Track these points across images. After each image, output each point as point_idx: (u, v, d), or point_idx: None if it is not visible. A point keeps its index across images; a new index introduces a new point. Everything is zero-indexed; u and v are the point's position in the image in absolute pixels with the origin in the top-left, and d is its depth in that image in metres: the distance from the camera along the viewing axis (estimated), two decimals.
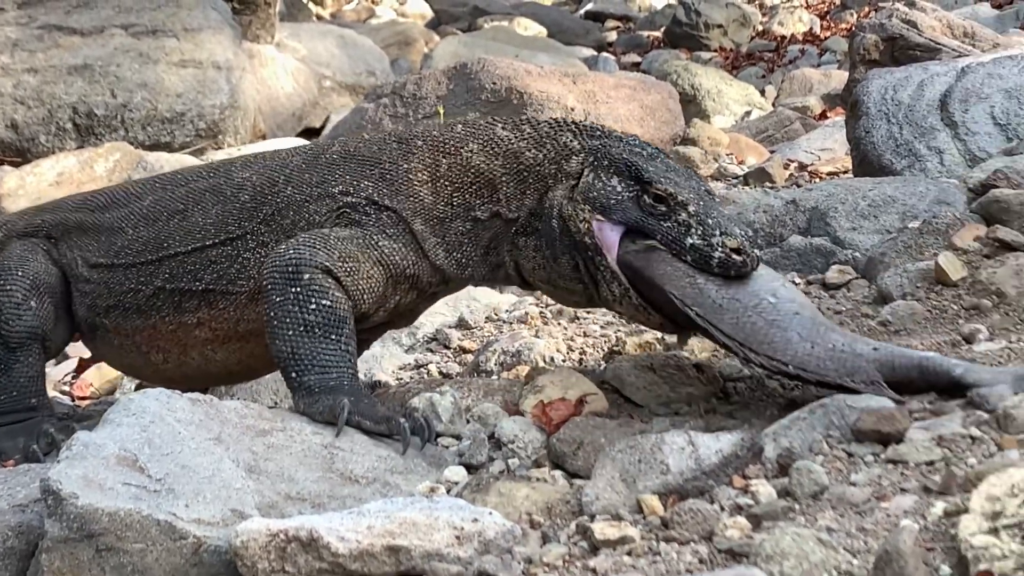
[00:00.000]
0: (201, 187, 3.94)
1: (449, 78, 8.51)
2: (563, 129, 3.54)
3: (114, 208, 4.14)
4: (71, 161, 8.75)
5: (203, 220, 3.83)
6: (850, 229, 4.43)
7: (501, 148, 3.54)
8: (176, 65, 10.13)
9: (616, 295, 3.32)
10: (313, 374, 3.24)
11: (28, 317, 4.03)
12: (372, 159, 3.65)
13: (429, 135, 3.66)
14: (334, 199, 3.60)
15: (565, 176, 3.44)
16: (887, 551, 2.08)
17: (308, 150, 3.86)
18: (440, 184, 3.55)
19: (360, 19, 18.00)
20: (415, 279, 3.55)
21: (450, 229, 3.54)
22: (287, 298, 3.30)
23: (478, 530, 2.46)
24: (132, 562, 2.54)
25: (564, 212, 3.39)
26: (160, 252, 3.88)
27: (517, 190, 3.51)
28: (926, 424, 2.75)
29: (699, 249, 3.20)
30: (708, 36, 14.28)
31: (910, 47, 7.33)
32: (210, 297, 3.77)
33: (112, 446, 2.76)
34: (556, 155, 3.48)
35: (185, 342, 3.88)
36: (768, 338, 3.06)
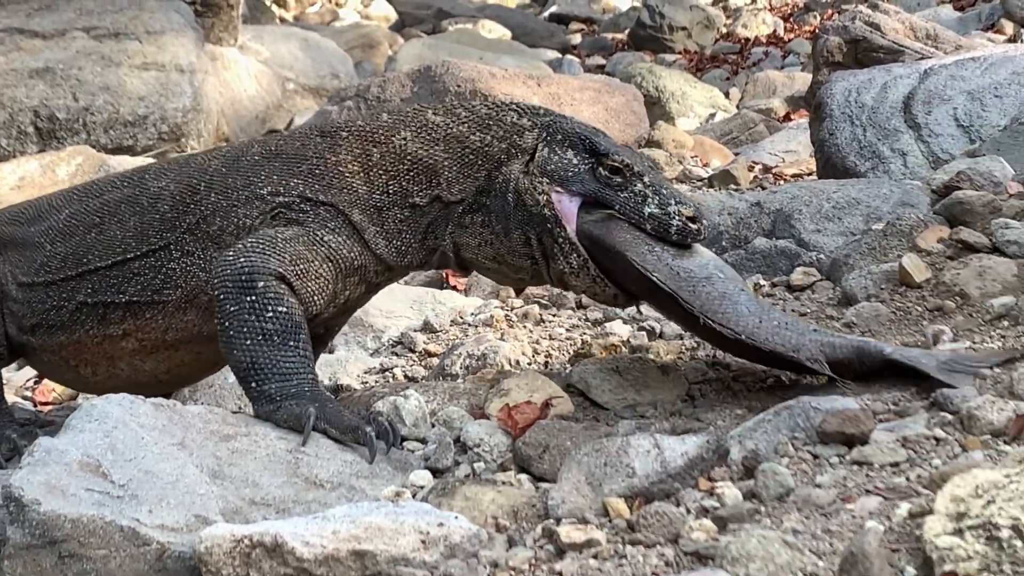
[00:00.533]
0: (116, 198, 3.84)
1: (413, 80, 8.50)
2: (506, 109, 3.57)
3: (36, 222, 4.04)
4: (33, 165, 8.68)
5: (121, 233, 3.75)
6: (814, 231, 4.44)
7: (439, 134, 3.55)
8: (138, 68, 10.08)
9: (574, 267, 3.36)
10: (274, 382, 3.21)
11: None
12: (297, 156, 3.60)
13: (354, 126, 3.64)
14: (264, 201, 3.55)
15: (520, 151, 3.47)
16: (852, 552, 2.08)
17: (225, 153, 3.77)
18: (374, 173, 3.54)
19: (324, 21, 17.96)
20: (363, 270, 3.54)
21: (388, 217, 3.53)
22: (242, 307, 3.25)
23: (444, 534, 2.45)
24: (95, 568, 2.52)
25: (520, 186, 3.42)
26: (80, 267, 3.80)
27: (461, 173, 3.51)
28: (891, 426, 2.77)
29: (657, 217, 3.31)
30: (672, 38, 14.31)
31: (873, 49, 7.37)
32: (135, 308, 3.71)
33: (75, 452, 2.74)
34: (505, 133, 3.50)
35: (112, 354, 3.82)
36: (722, 309, 3.17)
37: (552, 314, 4.54)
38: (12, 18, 10.07)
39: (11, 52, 9.85)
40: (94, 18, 10.21)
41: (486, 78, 8.21)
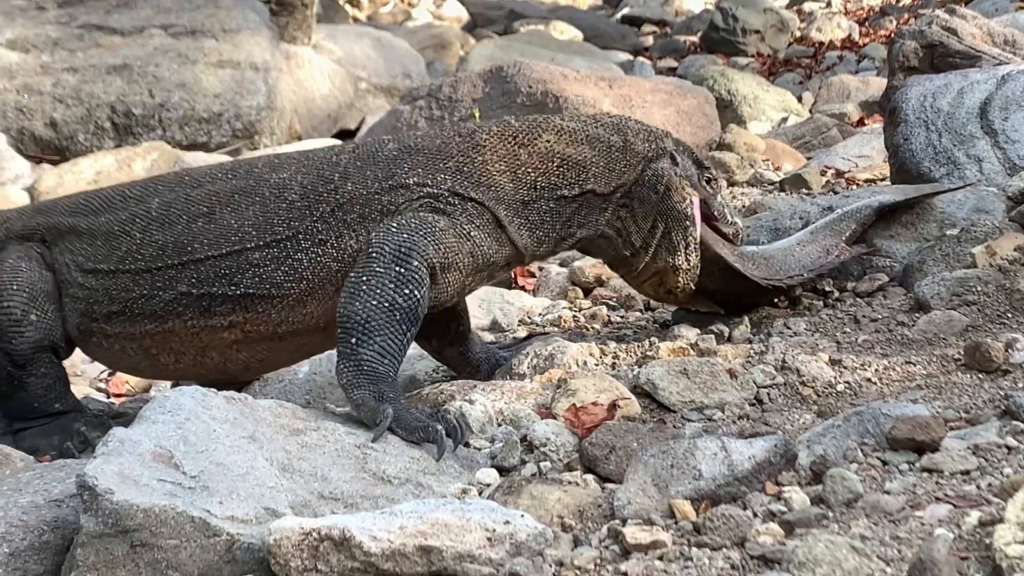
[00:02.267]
0: (227, 188, 3.86)
1: (485, 81, 8.51)
2: (625, 118, 4.06)
3: (110, 211, 4.04)
4: (109, 160, 8.80)
5: (238, 223, 3.76)
6: (888, 236, 4.40)
7: (580, 135, 3.89)
8: (214, 65, 10.18)
9: (690, 264, 3.96)
10: (372, 350, 3.28)
11: (31, 332, 3.97)
12: (441, 153, 3.73)
13: (493, 130, 3.84)
14: (410, 189, 3.65)
15: (664, 153, 3.97)
16: (921, 559, 2.07)
17: (352, 149, 3.85)
18: (522, 171, 3.78)
19: (396, 21, 18.05)
20: (494, 265, 3.74)
21: (533, 209, 3.79)
22: (388, 273, 3.38)
23: (510, 532, 2.46)
24: (166, 558, 2.55)
25: (671, 182, 3.94)
26: (183, 256, 3.80)
27: (609, 168, 3.89)
28: (962, 433, 2.74)
29: (735, 224, 4.14)
30: (745, 41, 14.23)
31: (950, 54, 7.28)
32: (247, 301, 3.73)
33: (148, 443, 2.77)
34: (644, 136, 3.98)
35: (207, 344, 3.84)
36: (785, 266, 4.10)
37: (620, 316, 4.54)
38: (91, 15, 10.21)
39: (90, 48, 9.98)
40: (171, 16, 10.32)
41: (558, 79, 8.21)
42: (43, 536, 2.80)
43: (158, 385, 5.13)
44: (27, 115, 9.69)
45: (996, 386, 3.10)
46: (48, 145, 9.73)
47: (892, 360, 3.43)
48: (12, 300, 3.98)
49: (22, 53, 9.82)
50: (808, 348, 3.65)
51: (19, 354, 3.97)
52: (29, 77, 9.75)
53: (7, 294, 3.99)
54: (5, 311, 3.97)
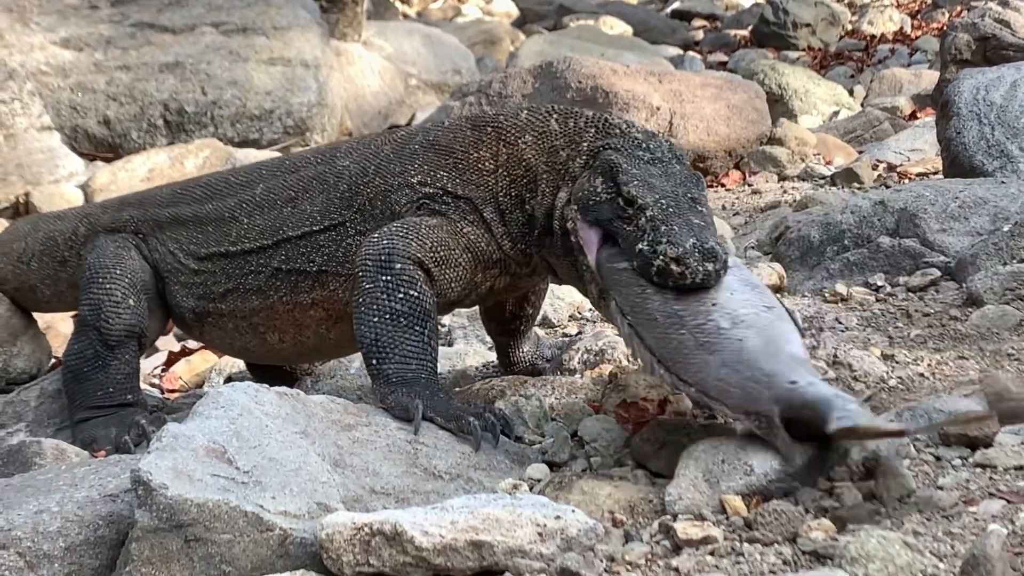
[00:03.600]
0: (309, 175, 3.97)
1: (535, 76, 8.51)
2: (588, 126, 3.46)
3: (218, 198, 4.19)
4: (162, 157, 8.87)
5: (310, 207, 3.88)
6: (940, 231, 4.38)
7: (547, 143, 3.50)
8: (265, 63, 10.23)
9: (595, 295, 3.27)
10: (393, 363, 3.28)
11: (127, 315, 4.13)
12: (447, 148, 3.67)
13: (496, 121, 3.64)
14: (413, 189, 3.64)
15: (571, 178, 3.40)
16: (974, 555, 2.06)
17: (398, 138, 3.85)
18: (500, 174, 3.56)
19: (446, 17, 18.06)
20: (503, 264, 3.58)
21: (509, 220, 3.54)
22: (377, 286, 3.35)
23: (560, 527, 2.46)
24: (220, 552, 2.58)
25: (561, 212, 3.37)
26: (276, 236, 3.93)
27: (548, 185, 3.46)
28: (1016, 428, 2.72)
29: (644, 255, 3.04)
30: (796, 35, 14.15)
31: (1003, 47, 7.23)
32: (323, 278, 3.82)
33: (201, 438, 2.79)
34: (571, 153, 3.42)
35: (301, 322, 3.94)
36: (686, 359, 2.86)
37: None
38: (143, 13, 10.28)
39: (142, 47, 10.06)
40: (223, 13, 10.39)
41: (607, 74, 8.20)
42: (98, 531, 2.83)
43: (211, 381, 5.18)
44: (81, 113, 9.78)
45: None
46: (101, 143, 9.81)
47: (945, 355, 3.41)
48: (115, 283, 4.17)
49: (75, 52, 9.91)
50: (860, 343, 3.63)
51: (113, 335, 4.12)
52: (82, 75, 9.84)
53: (111, 276, 4.18)
54: (107, 292, 4.16)
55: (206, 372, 5.34)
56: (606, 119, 3.47)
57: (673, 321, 2.93)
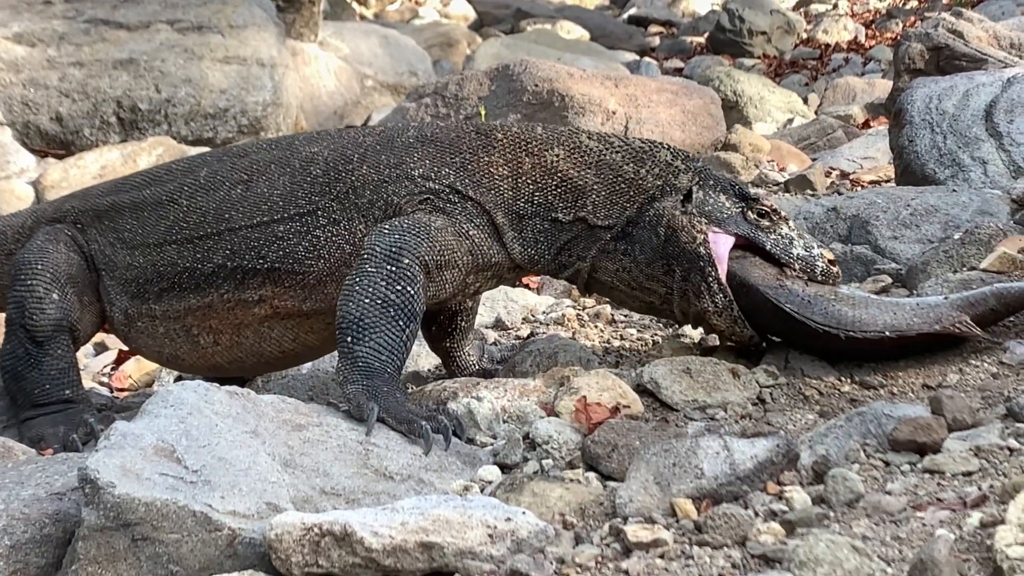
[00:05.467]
0: (266, 159, 3.92)
1: (491, 79, 8.52)
2: (659, 147, 3.72)
3: (159, 184, 4.11)
4: (115, 154, 8.82)
5: (269, 191, 3.82)
6: (891, 238, 4.41)
7: (592, 158, 3.69)
8: (220, 61, 10.19)
9: (719, 306, 3.55)
10: (367, 346, 3.29)
11: (51, 310, 4.03)
12: (452, 146, 3.72)
13: (510, 131, 3.76)
14: (414, 182, 3.66)
15: (674, 190, 3.63)
16: (922, 560, 2.07)
17: (380, 132, 3.86)
18: (522, 181, 3.67)
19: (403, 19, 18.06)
20: (498, 267, 3.70)
21: (527, 226, 3.67)
22: (379, 272, 3.38)
23: (511, 529, 2.46)
24: (167, 552, 2.56)
25: (676, 223, 3.58)
26: (221, 225, 3.86)
27: (610, 200, 3.65)
28: (963, 435, 2.74)
29: (804, 259, 3.57)
30: (752, 43, 14.24)
31: (956, 57, 7.28)
32: (275, 275, 3.77)
33: (150, 437, 2.77)
34: (660, 171, 3.65)
35: (241, 321, 3.88)
36: (857, 318, 3.36)
37: (623, 314, 4.54)
38: (97, 9, 10.22)
39: (96, 43, 9.99)
40: (178, 11, 10.34)
41: (564, 78, 8.21)
42: (44, 529, 2.80)
43: (161, 380, 5.14)
44: (33, 109, 9.70)
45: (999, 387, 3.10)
46: (54, 139, 9.74)
47: (897, 361, 3.43)
48: (36, 278, 4.07)
49: (28, 47, 9.83)
50: None
51: (39, 331, 4.02)
52: (35, 71, 9.77)
53: (32, 272, 4.08)
54: (29, 288, 4.06)
55: (156, 371, 5.30)
56: None
57: (820, 300, 3.44)
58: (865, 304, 3.41)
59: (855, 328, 3.34)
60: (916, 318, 3.31)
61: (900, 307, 3.37)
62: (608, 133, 3.79)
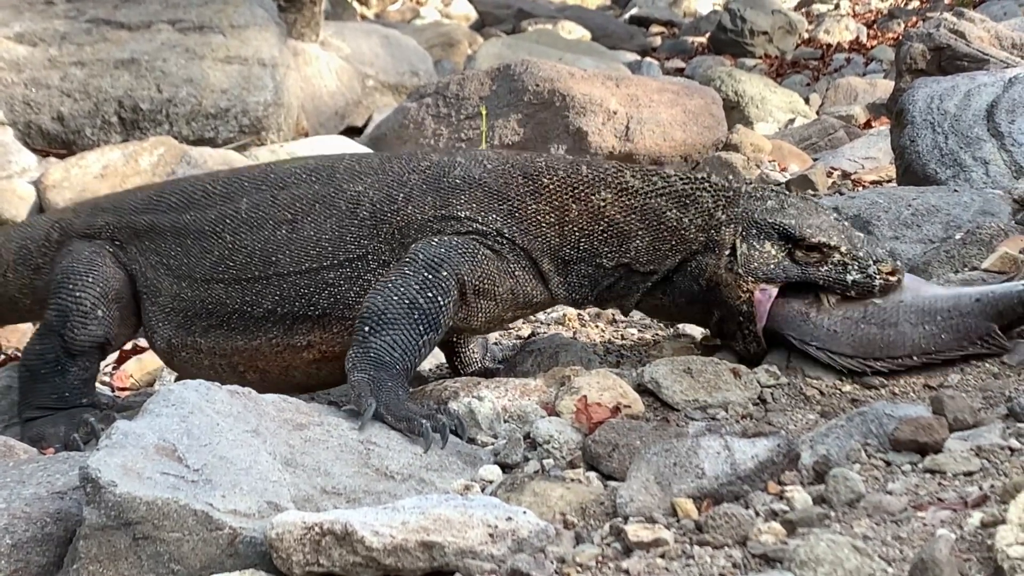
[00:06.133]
0: (309, 194, 3.84)
1: (492, 79, 8.51)
2: (702, 188, 3.63)
3: (199, 209, 4.03)
4: (116, 154, 8.80)
5: (317, 235, 3.76)
6: (892, 238, 4.40)
7: (638, 201, 3.64)
8: (222, 61, 10.17)
9: (751, 352, 3.58)
10: (382, 339, 3.30)
11: (94, 327, 3.99)
12: (500, 193, 3.67)
13: (556, 174, 3.69)
14: (460, 222, 3.62)
15: (716, 246, 3.56)
16: (923, 560, 2.07)
17: (424, 168, 3.78)
18: (568, 229, 3.65)
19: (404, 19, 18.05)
20: (538, 305, 3.73)
21: (572, 271, 3.67)
22: (416, 274, 3.40)
23: (512, 528, 2.46)
24: (168, 551, 2.56)
25: (720, 279, 3.54)
26: (269, 269, 3.79)
27: (653, 247, 3.63)
28: (965, 435, 2.74)
29: (860, 283, 3.45)
30: (753, 43, 14.23)
31: (957, 57, 7.28)
32: (324, 321, 3.72)
33: (151, 436, 2.77)
34: (704, 223, 3.59)
35: (290, 363, 3.83)
36: (885, 341, 3.34)
37: None
38: (99, 9, 10.20)
39: (97, 43, 9.98)
40: (179, 11, 10.32)
41: (564, 78, 8.21)
42: (46, 528, 2.81)
43: (162, 379, 5.14)
44: (34, 109, 9.70)
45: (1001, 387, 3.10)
46: (55, 139, 9.73)
47: None
48: (86, 292, 4.02)
49: (30, 47, 9.82)
50: None
51: (77, 345, 3.99)
52: (36, 71, 9.75)
53: (82, 284, 4.03)
54: (76, 300, 4.00)
55: (158, 370, 5.29)
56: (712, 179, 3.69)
57: (847, 325, 3.40)
58: (895, 319, 3.37)
59: (883, 357, 3.33)
60: (946, 335, 3.28)
61: (930, 316, 3.33)
62: (652, 170, 3.74)
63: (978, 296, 3.32)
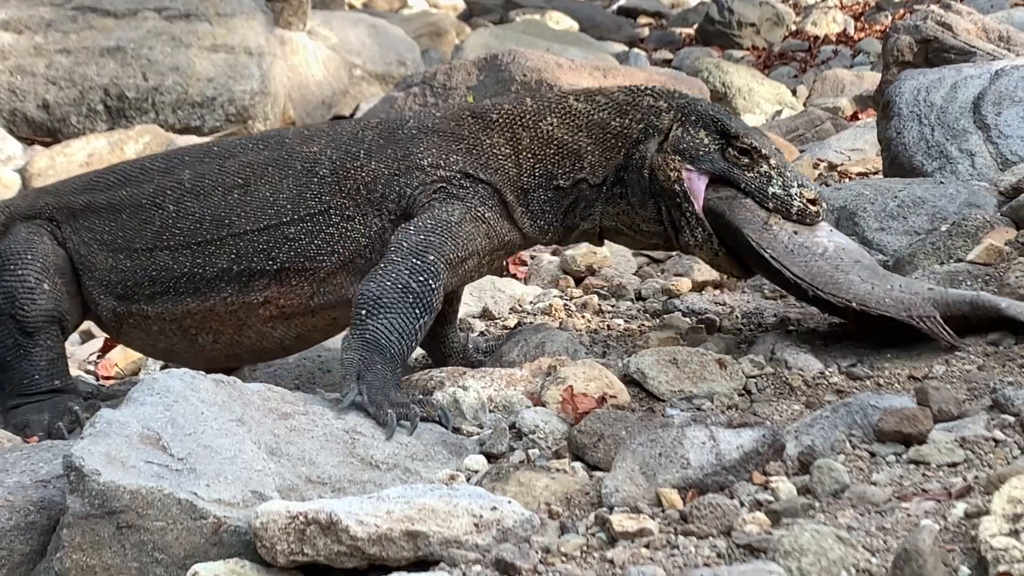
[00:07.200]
0: (259, 160, 3.91)
1: (480, 69, 8.51)
2: (642, 94, 3.79)
3: (136, 184, 4.07)
4: (101, 143, 8.79)
5: (273, 194, 3.83)
6: (878, 229, 4.41)
7: (582, 120, 3.78)
8: (208, 49, 10.16)
9: (698, 240, 3.65)
10: (379, 323, 3.35)
11: (43, 300, 4.00)
12: (454, 134, 3.79)
13: (503, 109, 3.83)
14: (424, 172, 3.73)
15: (656, 131, 3.70)
16: (907, 550, 2.07)
17: (376, 125, 3.92)
18: (523, 157, 3.77)
19: (392, 9, 17.99)
20: (510, 244, 3.82)
21: (533, 199, 3.78)
22: (405, 263, 3.46)
23: (497, 518, 2.46)
24: (152, 540, 2.55)
25: (654, 163, 3.67)
26: (222, 231, 3.85)
27: (603, 156, 3.75)
28: (949, 426, 2.75)
29: (780, 197, 3.58)
30: (741, 34, 14.22)
31: (944, 49, 7.27)
32: (283, 275, 3.79)
33: (135, 424, 2.77)
34: (643, 116, 3.73)
35: (244, 322, 3.89)
36: (833, 279, 3.44)
37: (611, 305, 4.54)
38: None
39: (83, 31, 9.96)
40: None
41: (552, 68, 8.20)
42: (29, 516, 2.81)
43: (147, 367, 5.13)
44: (19, 96, 9.67)
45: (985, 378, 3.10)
46: (40, 127, 9.71)
47: (881, 352, 3.43)
48: (27, 268, 4.03)
49: (15, 34, 9.79)
50: (797, 339, 3.65)
51: (30, 322, 4.00)
52: (22, 58, 9.74)
53: (22, 262, 4.04)
54: (19, 278, 4.02)
55: (142, 359, 5.28)
56: None
57: (804, 252, 3.51)
58: (848, 268, 3.47)
59: (826, 290, 3.42)
60: (890, 300, 3.36)
61: (881, 282, 3.43)
62: (594, 89, 3.90)
63: (932, 287, 3.48)
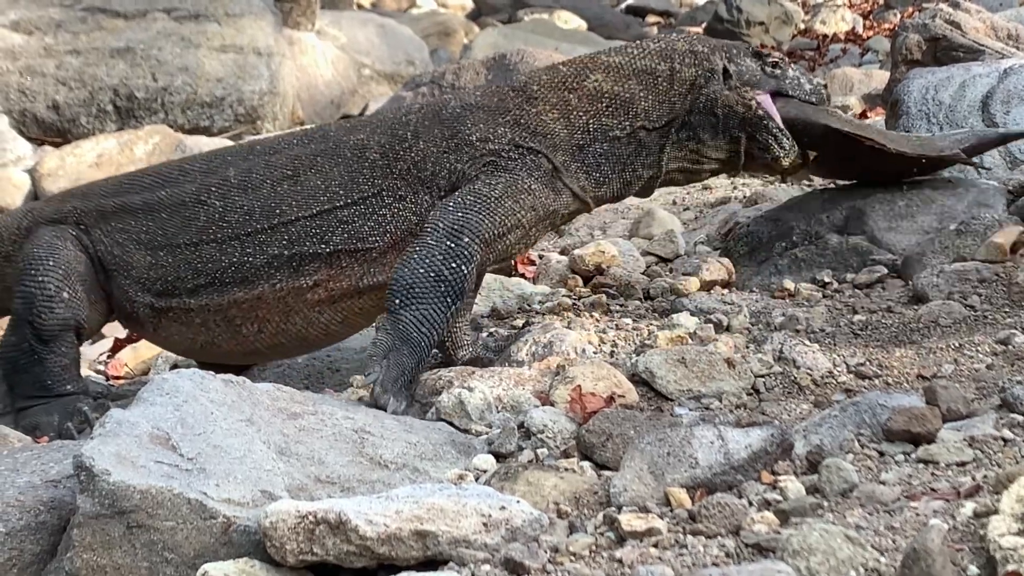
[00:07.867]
0: (307, 152, 3.98)
1: (488, 68, 8.51)
2: (669, 40, 4.12)
3: (176, 185, 4.11)
4: (111, 143, 8.80)
5: (324, 182, 3.90)
6: (887, 229, 4.40)
7: (628, 70, 4.00)
8: (217, 50, 10.18)
9: (786, 148, 4.07)
10: (411, 313, 3.47)
11: (61, 309, 4.01)
12: (499, 108, 3.90)
13: (541, 79, 4.01)
14: (473, 147, 3.82)
15: (713, 73, 4.03)
16: (915, 550, 2.07)
17: (419, 110, 4.03)
18: (574, 116, 3.93)
19: (400, 8, 17.99)
20: (555, 214, 3.91)
21: (589, 152, 3.92)
22: (439, 246, 3.55)
23: (505, 518, 2.46)
24: (162, 539, 2.56)
25: (727, 100, 4.03)
26: (274, 219, 3.92)
27: (656, 101, 3.99)
28: (958, 425, 2.74)
29: (814, 90, 4.21)
30: (749, 33, 14.17)
31: (953, 48, 7.26)
32: (335, 257, 3.87)
33: (145, 424, 2.78)
34: (691, 60, 4.03)
35: (292, 307, 3.95)
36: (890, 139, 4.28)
37: (619, 304, 4.54)
38: None
39: (93, 31, 9.98)
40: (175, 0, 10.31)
41: None
42: (39, 516, 2.81)
43: (156, 368, 5.14)
44: (30, 97, 9.69)
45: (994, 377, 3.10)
46: (50, 127, 9.73)
47: (889, 350, 3.43)
48: (48, 275, 4.04)
49: (25, 35, 9.82)
50: (806, 338, 3.65)
51: (46, 330, 4.02)
52: (32, 59, 9.75)
53: (44, 269, 4.05)
54: (40, 285, 4.04)
55: (152, 359, 5.30)
56: None
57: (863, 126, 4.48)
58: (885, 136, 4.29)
59: (883, 142, 4.18)
60: (923, 148, 4.26)
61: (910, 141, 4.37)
62: (615, 46, 4.15)
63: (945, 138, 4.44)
